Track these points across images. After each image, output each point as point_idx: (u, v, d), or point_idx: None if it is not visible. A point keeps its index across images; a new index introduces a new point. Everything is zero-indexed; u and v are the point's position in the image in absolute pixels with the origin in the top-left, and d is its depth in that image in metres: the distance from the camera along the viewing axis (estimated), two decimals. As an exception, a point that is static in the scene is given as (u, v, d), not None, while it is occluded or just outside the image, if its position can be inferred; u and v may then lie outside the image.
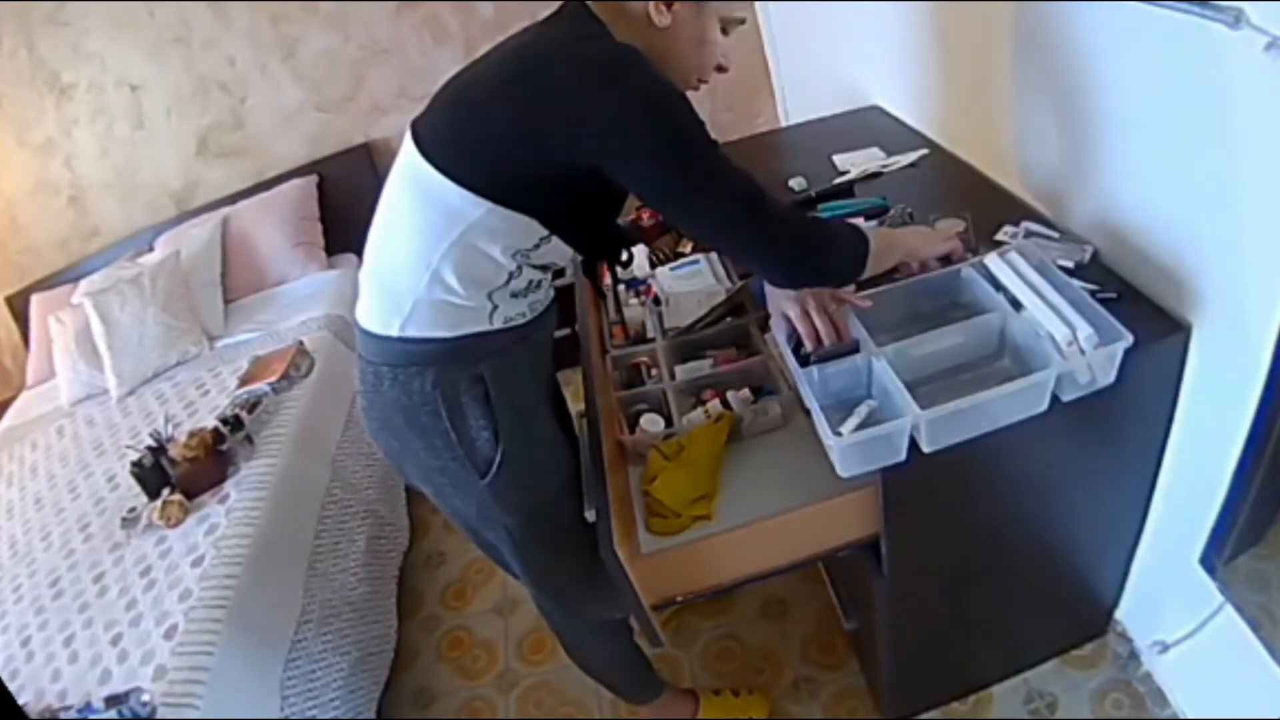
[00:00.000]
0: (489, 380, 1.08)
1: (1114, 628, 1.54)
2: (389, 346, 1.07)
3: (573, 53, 0.93)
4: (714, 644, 1.81)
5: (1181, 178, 1.02)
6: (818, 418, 1.01)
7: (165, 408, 2.30)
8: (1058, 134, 1.28)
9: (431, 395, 1.07)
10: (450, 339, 1.05)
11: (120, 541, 1.82)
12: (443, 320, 1.04)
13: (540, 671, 1.86)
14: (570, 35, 0.97)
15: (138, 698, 1.40)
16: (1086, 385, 1.01)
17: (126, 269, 2.61)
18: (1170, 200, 1.06)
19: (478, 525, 1.24)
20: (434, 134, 1.00)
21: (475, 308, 1.04)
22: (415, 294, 1.03)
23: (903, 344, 1.08)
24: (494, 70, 1.00)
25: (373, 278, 1.10)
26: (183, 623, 1.54)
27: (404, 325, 1.05)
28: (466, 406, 1.08)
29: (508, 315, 1.08)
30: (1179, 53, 0.94)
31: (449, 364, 1.06)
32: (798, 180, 1.67)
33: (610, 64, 0.91)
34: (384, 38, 2.81)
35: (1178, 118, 0.99)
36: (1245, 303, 0.98)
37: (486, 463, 1.11)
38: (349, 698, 1.65)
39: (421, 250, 1.01)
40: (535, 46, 0.98)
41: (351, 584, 1.85)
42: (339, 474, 2.07)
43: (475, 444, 1.10)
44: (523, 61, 0.97)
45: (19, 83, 2.74)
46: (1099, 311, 1.01)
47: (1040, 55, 1.25)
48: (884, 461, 1.02)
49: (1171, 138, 1.02)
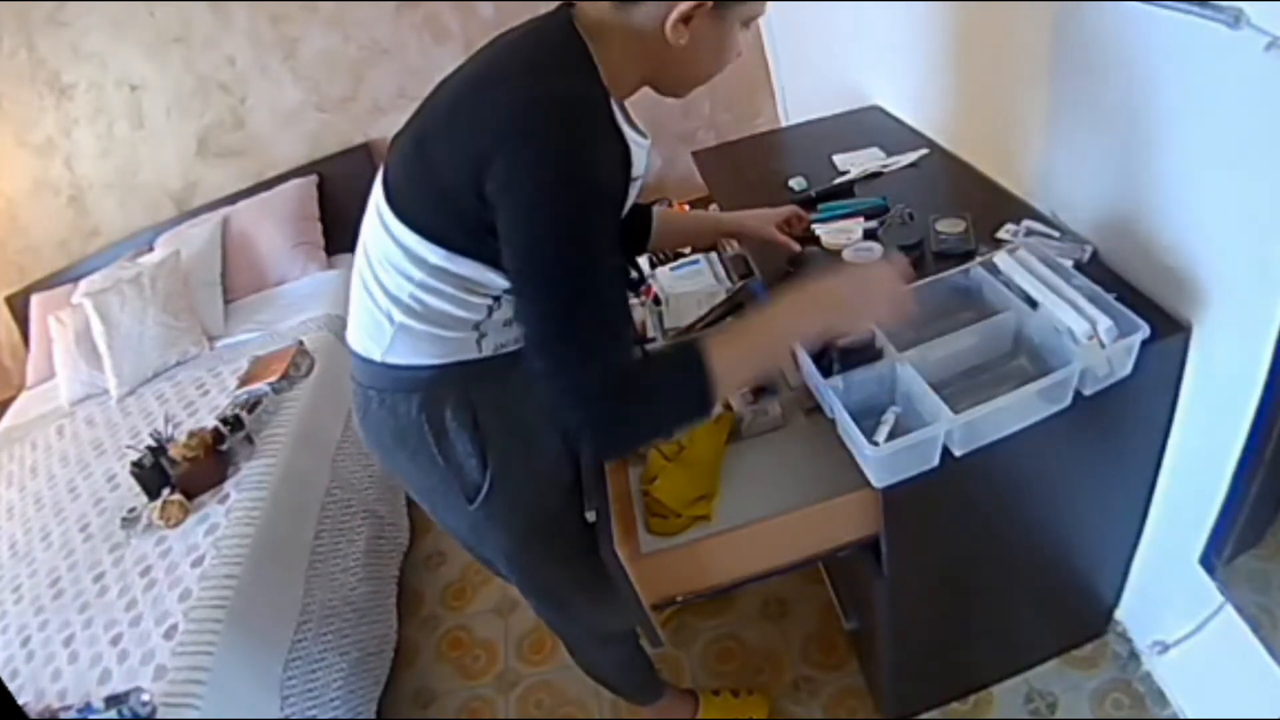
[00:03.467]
0: (478, 406, 1.03)
1: (1114, 628, 1.54)
2: (374, 371, 1.04)
3: (515, 85, 0.86)
4: (714, 644, 1.81)
5: (1181, 177, 1.02)
6: (849, 428, 0.99)
7: (165, 408, 2.31)
8: (1057, 133, 1.28)
9: (418, 420, 1.03)
10: (436, 365, 1.00)
11: (120, 541, 1.82)
12: (426, 349, 0.99)
13: (540, 671, 1.86)
14: (531, 63, 0.89)
15: (138, 698, 1.40)
16: (1105, 378, 1.01)
17: (126, 269, 2.61)
18: (1170, 199, 1.06)
19: (473, 544, 1.21)
20: (396, 167, 0.96)
21: (460, 338, 0.99)
22: (394, 324, 0.98)
23: (922, 348, 1.07)
24: (448, 96, 0.94)
25: (356, 300, 1.05)
26: (183, 623, 1.54)
27: (386, 352, 1.01)
28: (453, 433, 1.03)
29: (499, 342, 1.02)
30: (1179, 52, 0.94)
31: (435, 389, 1.02)
32: (798, 180, 1.66)
33: (545, 106, 0.82)
34: (384, 38, 2.81)
35: (1177, 117, 0.99)
36: (1245, 302, 0.98)
37: (474, 487, 1.07)
38: (349, 698, 1.65)
39: (392, 286, 0.96)
40: (490, 71, 0.92)
41: (351, 584, 1.85)
42: (339, 474, 2.07)
43: (463, 469, 1.06)
44: (468, 90, 0.91)
45: (19, 83, 2.74)
46: (1112, 304, 1.01)
47: (1040, 54, 1.25)
48: (917, 469, 1.00)
49: (1171, 137, 1.01)
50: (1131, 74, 1.05)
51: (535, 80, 0.86)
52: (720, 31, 0.91)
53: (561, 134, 0.81)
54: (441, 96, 0.95)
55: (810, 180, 1.66)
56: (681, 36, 0.88)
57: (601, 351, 0.83)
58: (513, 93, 0.85)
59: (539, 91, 0.84)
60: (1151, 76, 1.01)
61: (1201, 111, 0.94)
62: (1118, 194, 1.17)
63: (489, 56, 0.95)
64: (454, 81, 0.95)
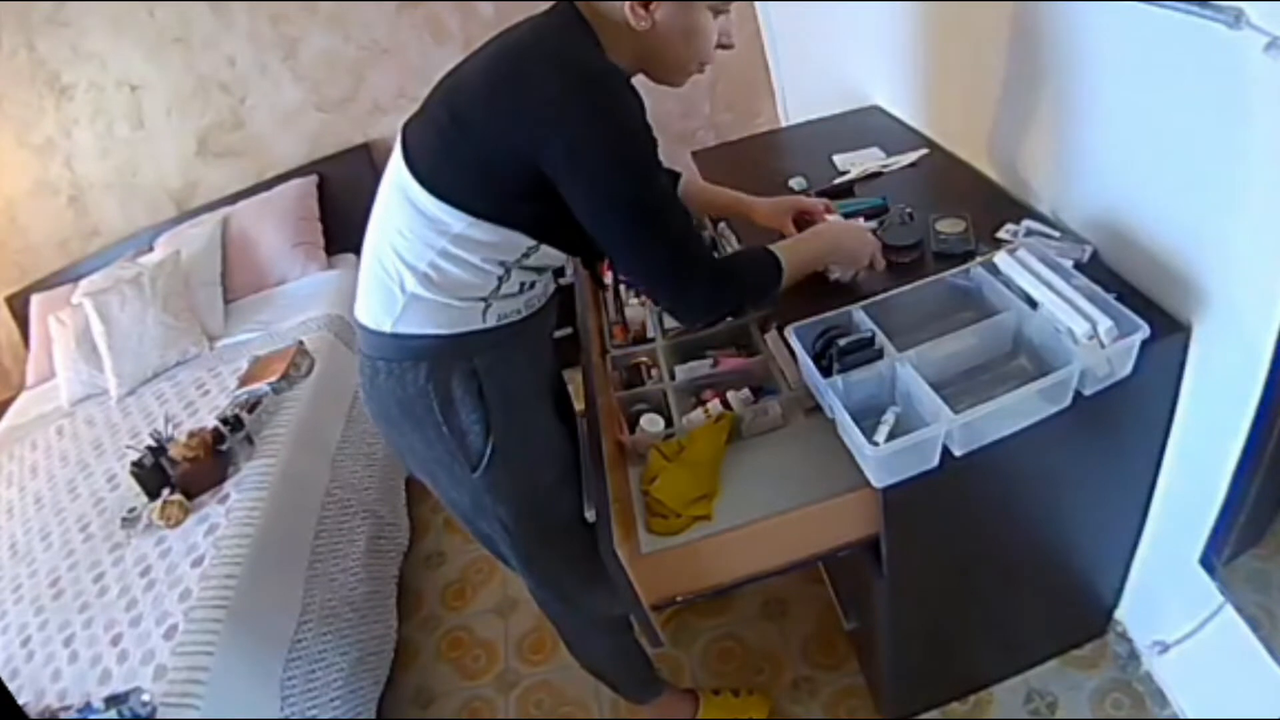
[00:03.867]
0: (482, 374, 1.09)
1: (1114, 628, 1.54)
2: (383, 341, 1.09)
3: (553, 65, 0.94)
4: (714, 644, 1.81)
5: (1181, 177, 1.02)
6: (849, 428, 0.99)
7: (165, 408, 2.30)
8: (1057, 133, 1.28)
9: (425, 389, 1.08)
10: (443, 335, 1.06)
11: (120, 541, 1.82)
12: (435, 318, 1.05)
13: (540, 671, 1.86)
14: (558, 44, 0.97)
15: (138, 698, 1.40)
16: (1105, 378, 1.01)
17: (126, 269, 2.61)
18: (1170, 199, 1.06)
19: (473, 516, 1.24)
20: (419, 144, 1.01)
21: (467, 308, 1.05)
22: (406, 293, 1.04)
23: (923, 348, 1.07)
24: (479, 76, 1.00)
25: (368, 274, 1.11)
26: (183, 623, 1.54)
27: (396, 322, 1.06)
28: (459, 400, 1.09)
29: (502, 313, 1.08)
30: (1179, 52, 0.94)
31: (442, 358, 1.07)
32: (798, 180, 1.66)
33: (585, 83, 0.91)
34: (384, 38, 2.81)
35: (1178, 117, 0.99)
36: (1245, 302, 0.98)
37: (478, 455, 1.12)
38: (349, 698, 1.65)
39: (410, 255, 1.02)
40: (520, 52, 0.98)
41: (351, 584, 1.85)
42: (339, 474, 2.07)
43: (466, 437, 1.11)
44: (505, 69, 0.97)
45: (19, 83, 2.74)
46: (1112, 304, 1.01)
47: (1040, 54, 1.25)
48: (917, 469, 1.01)
49: (1171, 137, 1.01)
50: (1131, 74, 1.05)
51: (568, 59, 0.94)
52: (688, 18, 0.99)
53: (607, 102, 0.91)
54: (471, 77, 1.00)
55: (810, 180, 1.66)
56: (643, 20, 0.96)
57: (698, 256, 1.03)
58: (552, 71, 0.92)
59: (576, 70, 0.92)
60: (1151, 76, 1.01)
61: (1201, 111, 0.94)
62: (1117, 194, 1.17)
63: (512, 43, 1.00)
64: (480, 63, 1.00)
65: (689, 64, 1.05)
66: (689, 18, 0.99)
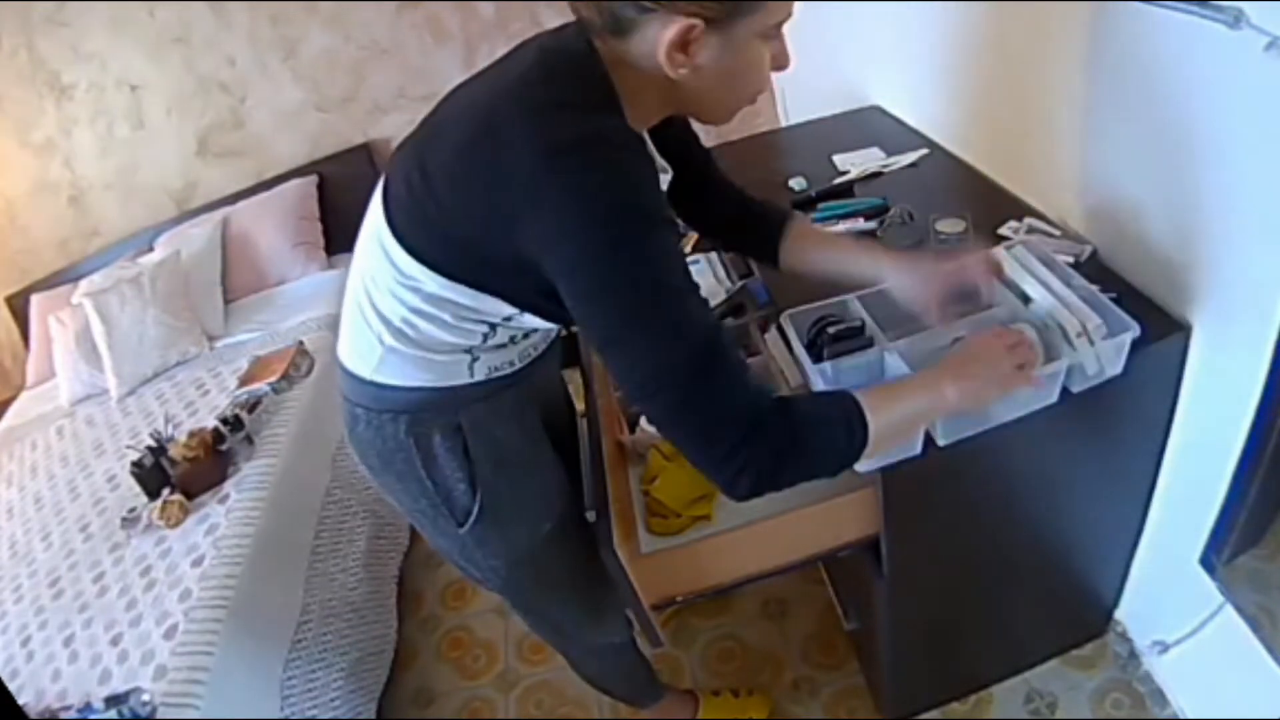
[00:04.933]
0: (467, 431, 0.99)
1: (1114, 628, 1.54)
2: (362, 389, 0.99)
3: (531, 128, 0.76)
4: (714, 644, 1.81)
5: (1181, 177, 1.02)
6: None
7: (165, 408, 2.30)
8: (1057, 133, 1.28)
9: (404, 442, 0.99)
10: (426, 388, 0.96)
11: (120, 541, 1.82)
12: (416, 371, 0.94)
13: (540, 671, 1.86)
14: (545, 99, 0.79)
15: (138, 698, 1.40)
16: (1095, 376, 1.02)
17: (126, 269, 2.61)
18: (1170, 199, 1.06)
19: (463, 564, 1.17)
20: (397, 187, 0.88)
21: (451, 361, 0.94)
22: (384, 346, 0.93)
23: (913, 338, 1.08)
24: (454, 129, 0.85)
25: (348, 314, 1.00)
26: (183, 623, 1.54)
27: (375, 371, 0.97)
28: (441, 457, 1.00)
29: (492, 366, 0.97)
30: (1179, 52, 0.94)
31: (424, 412, 0.98)
32: (798, 180, 1.67)
33: (564, 154, 0.74)
34: (384, 38, 2.81)
35: (1178, 117, 0.99)
36: (1245, 302, 0.98)
37: (465, 512, 1.04)
38: (349, 698, 1.65)
39: (384, 308, 0.92)
40: (498, 109, 0.80)
41: (351, 584, 1.85)
42: (339, 474, 2.07)
43: (452, 494, 1.03)
44: (478, 131, 0.80)
45: (19, 83, 2.74)
46: (1105, 303, 1.01)
47: (1040, 56, 1.25)
48: (900, 455, 1.01)
49: (1171, 137, 1.01)
50: (1130, 74, 1.05)
51: (552, 122, 0.77)
52: (732, 50, 0.78)
53: (591, 176, 0.74)
54: (451, 122, 0.86)
55: (810, 180, 1.66)
56: (682, 66, 0.77)
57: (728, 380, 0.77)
58: (530, 139, 0.76)
59: (556, 136, 0.75)
60: (1151, 76, 1.01)
61: (1201, 111, 0.94)
62: (1117, 193, 1.17)
63: (503, 86, 0.84)
64: (464, 105, 0.86)
65: (739, 103, 0.87)
66: (738, 56, 0.79)
